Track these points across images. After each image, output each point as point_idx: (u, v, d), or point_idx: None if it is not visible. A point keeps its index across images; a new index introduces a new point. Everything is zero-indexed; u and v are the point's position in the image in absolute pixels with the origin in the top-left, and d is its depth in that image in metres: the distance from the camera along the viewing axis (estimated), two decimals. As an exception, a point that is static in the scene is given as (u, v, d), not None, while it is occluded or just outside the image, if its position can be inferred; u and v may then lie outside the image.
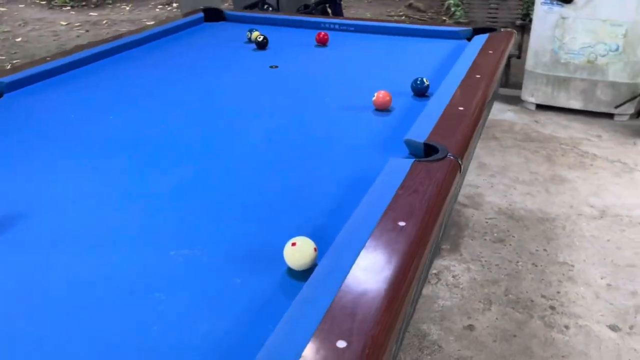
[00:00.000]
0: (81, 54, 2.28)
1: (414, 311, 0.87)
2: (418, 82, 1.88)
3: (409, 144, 1.46)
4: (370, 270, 0.94)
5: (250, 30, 2.60)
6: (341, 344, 0.78)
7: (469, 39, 2.56)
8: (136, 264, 1.06)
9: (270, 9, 4.69)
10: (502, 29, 2.58)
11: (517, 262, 2.54)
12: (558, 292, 2.35)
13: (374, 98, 1.77)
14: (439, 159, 1.34)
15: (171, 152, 1.55)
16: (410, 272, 0.97)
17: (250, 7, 4.66)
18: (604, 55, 3.84)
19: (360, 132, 1.65)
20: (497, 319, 2.22)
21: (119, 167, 1.45)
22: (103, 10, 8.42)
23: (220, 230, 1.18)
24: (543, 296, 2.33)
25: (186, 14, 3.01)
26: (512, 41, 2.50)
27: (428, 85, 1.88)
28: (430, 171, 1.29)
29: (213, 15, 3.05)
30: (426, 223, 1.10)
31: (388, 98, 1.76)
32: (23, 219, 1.21)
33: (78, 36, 6.97)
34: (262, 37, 2.49)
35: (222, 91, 2.02)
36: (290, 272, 1.02)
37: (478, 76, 1.94)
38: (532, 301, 2.30)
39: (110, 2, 8.88)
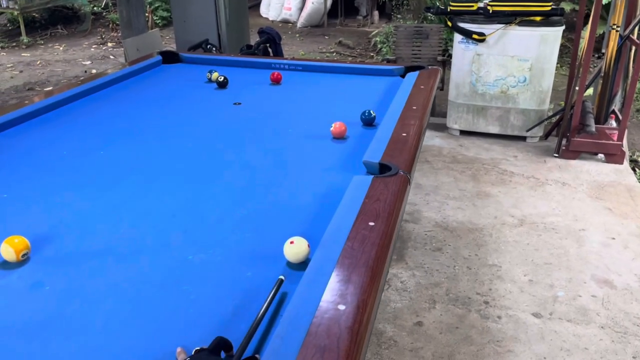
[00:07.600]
0: (58, 96, 2.48)
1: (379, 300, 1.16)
2: (366, 113, 2.24)
3: (367, 164, 1.79)
4: (352, 258, 1.24)
5: (210, 72, 2.88)
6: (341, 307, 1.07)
7: (402, 76, 2.97)
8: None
9: (214, 49, 4.99)
10: (429, 67, 3.01)
11: (454, 266, 2.92)
12: (490, 289, 2.74)
13: (331, 128, 2.10)
14: (393, 174, 1.68)
15: (171, 176, 1.81)
16: (383, 258, 1.28)
17: (194, 47, 4.93)
18: (514, 86, 4.42)
19: (325, 156, 1.96)
20: (441, 314, 2.57)
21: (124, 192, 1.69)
22: (35, 50, 8.38)
23: (224, 237, 1.45)
24: (478, 293, 2.71)
25: (145, 57, 3.25)
26: (439, 77, 2.93)
27: (375, 116, 2.23)
28: (387, 184, 1.62)
29: (170, 57, 3.31)
30: (389, 222, 1.42)
31: (344, 128, 2.10)
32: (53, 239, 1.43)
33: (12, 77, 6.93)
34: (222, 77, 2.78)
35: (198, 124, 2.30)
36: (290, 265, 1.31)
37: (414, 107, 2.32)
38: (469, 298, 2.67)
39: (42, 42, 8.84)
